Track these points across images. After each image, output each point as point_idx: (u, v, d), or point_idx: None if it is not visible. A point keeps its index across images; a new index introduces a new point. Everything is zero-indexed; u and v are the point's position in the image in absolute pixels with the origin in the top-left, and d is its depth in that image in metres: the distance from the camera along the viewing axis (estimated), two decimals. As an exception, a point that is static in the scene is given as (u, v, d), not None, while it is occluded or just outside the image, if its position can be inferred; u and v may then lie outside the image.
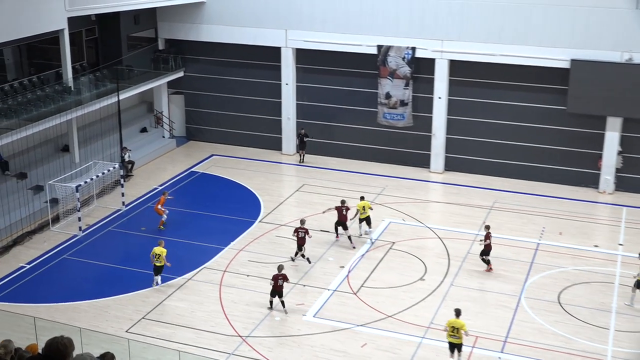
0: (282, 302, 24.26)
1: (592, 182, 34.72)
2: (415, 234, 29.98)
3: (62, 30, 32.49)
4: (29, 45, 33.77)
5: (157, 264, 25.63)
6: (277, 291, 24.18)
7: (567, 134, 34.57)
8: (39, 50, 34.86)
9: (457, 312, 21.02)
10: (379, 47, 36.04)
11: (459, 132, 36.34)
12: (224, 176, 36.41)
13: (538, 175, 35.59)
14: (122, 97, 35.46)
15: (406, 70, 35.92)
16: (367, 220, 29.14)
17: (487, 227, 27.14)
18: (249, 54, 38.99)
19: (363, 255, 28.08)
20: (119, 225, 30.86)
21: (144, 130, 39.97)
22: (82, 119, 34.04)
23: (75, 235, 29.80)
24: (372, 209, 29.29)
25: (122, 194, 32.29)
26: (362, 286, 25.80)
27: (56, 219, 30.81)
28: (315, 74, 38.19)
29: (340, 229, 28.78)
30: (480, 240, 27.00)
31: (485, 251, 26.74)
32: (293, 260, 27.26)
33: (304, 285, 25.75)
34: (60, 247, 28.87)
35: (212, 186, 35.25)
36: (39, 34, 31.47)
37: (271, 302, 24.36)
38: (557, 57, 33.31)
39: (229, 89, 40.00)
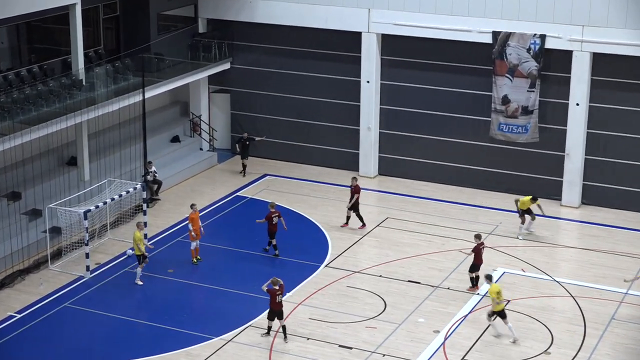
0: (284, 328, 25.31)
1: None
2: (538, 290, 29.70)
3: (74, 5, 33.39)
4: (29, 24, 34.81)
5: (137, 253, 29.24)
6: (275, 311, 25.61)
7: None
8: (41, 32, 35.89)
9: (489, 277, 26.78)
10: (495, 34, 36.02)
11: (600, 151, 35.88)
12: (281, 204, 36.66)
13: None
14: (148, 95, 36.20)
15: (532, 66, 35.76)
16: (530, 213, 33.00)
17: (478, 237, 29.20)
18: (319, 42, 39.44)
19: (466, 316, 27.94)
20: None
21: (175, 139, 40.78)
22: (95, 124, 34.82)
23: (81, 277, 30.41)
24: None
25: (145, 224, 32.89)
26: (463, 359, 25.63)
27: (57, 255, 31.50)
28: (406, 68, 38.35)
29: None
30: (466, 251, 28.80)
31: (475, 266, 29.16)
32: (266, 250, 31.69)
33: (383, 355, 25.72)
34: (62, 292, 29.44)
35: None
36: (43, 10, 32.37)
37: (269, 328, 25.86)
38: None
39: (290, 88, 40.50)
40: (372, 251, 32.65)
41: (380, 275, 30.49)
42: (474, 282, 29.51)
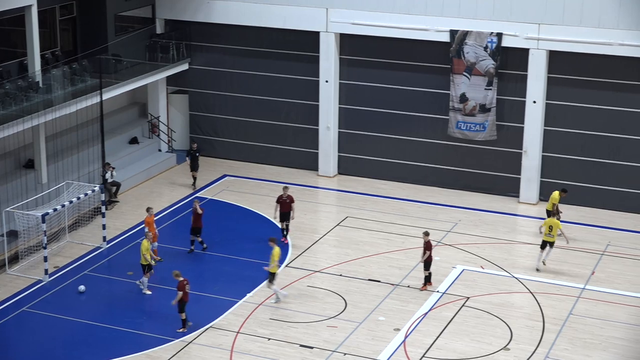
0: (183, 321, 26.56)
1: None
2: (497, 287, 29.95)
3: (29, 6, 33.20)
4: (-16, 26, 34.58)
5: (143, 262, 28.78)
6: (186, 302, 26.60)
7: None
8: (-3, 34, 35.67)
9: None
10: (453, 32, 36.25)
11: (558, 147, 36.27)
12: (240, 204, 36.73)
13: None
14: (106, 96, 36.08)
15: (489, 64, 36.03)
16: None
17: (426, 234, 29.37)
18: (277, 41, 39.50)
19: (426, 313, 28.10)
20: (99, 267, 31.22)
21: (134, 141, 40.65)
22: (53, 126, 34.61)
23: (40, 281, 30.22)
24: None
25: (104, 227, 32.75)
26: (424, 356, 25.77)
27: (14, 259, 31.30)
28: (364, 68, 38.50)
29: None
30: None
31: (428, 263, 29.28)
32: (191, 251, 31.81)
33: (344, 354, 25.80)
34: (20, 296, 29.25)
35: (224, 217, 35.59)
36: (-2, 11, 32.20)
37: (184, 321, 26.66)
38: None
39: (249, 88, 40.52)
40: (332, 250, 32.76)
41: (341, 275, 30.60)
42: (427, 279, 29.70)
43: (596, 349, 26.15)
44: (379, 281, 30.07)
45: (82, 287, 29.27)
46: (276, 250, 28.46)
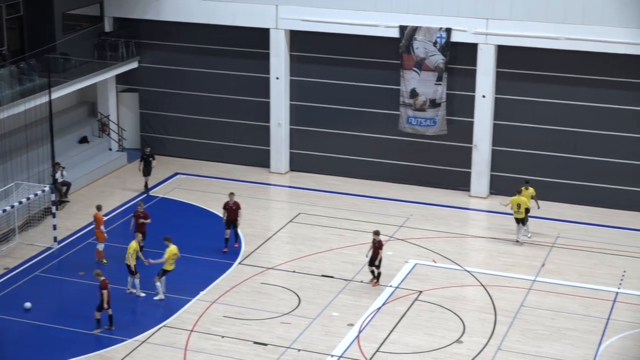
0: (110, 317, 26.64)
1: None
2: (449, 281, 30.16)
3: (-25, 6, 32.82)
4: None
5: (127, 263, 28.54)
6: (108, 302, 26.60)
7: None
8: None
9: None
10: (402, 28, 36.38)
11: (510, 142, 36.61)
12: (192, 202, 36.61)
13: (613, 200, 35.98)
14: (55, 95, 35.77)
15: (439, 59, 36.23)
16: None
17: (376, 233, 29.31)
18: (227, 38, 39.38)
19: (380, 308, 28.21)
20: (50, 268, 30.97)
21: (84, 140, 40.33)
22: (1, 126, 34.21)
23: (-11, 283, 29.98)
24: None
25: (54, 227, 32.47)
26: (377, 351, 25.88)
27: (-36, 261, 31.01)
28: (315, 64, 38.53)
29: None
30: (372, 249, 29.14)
31: (377, 261, 29.19)
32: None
33: (299, 350, 25.83)
34: (-30, 299, 29.04)
35: (176, 215, 35.45)
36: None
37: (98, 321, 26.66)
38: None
39: (199, 86, 40.38)
40: (285, 247, 32.79)
41: (294, 271, 30.63)
42: (376, 275, 29.72)
43: (547, 340, 26.42)
44: (332, 277, 30.13)
45: (27, 305, 28.21)
46: (172, 248, 28.44)
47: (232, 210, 31.92)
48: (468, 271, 30.75)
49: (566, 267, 31.07)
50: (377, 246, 29.23)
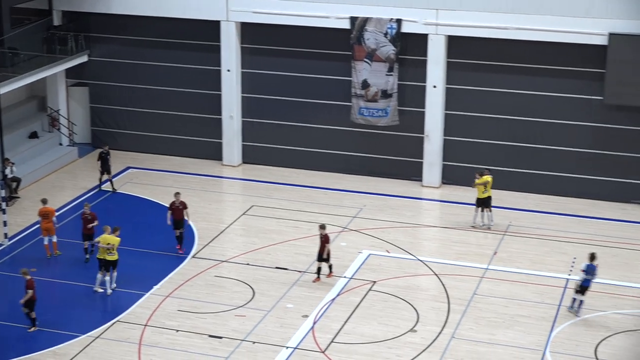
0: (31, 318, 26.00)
1: (638, 196, 35.57)
2: (403, 270, 30.29)
3: None
4: None
5: (110, 258, 27.99)
6: (35, 301, 26.10)
7: (604, 133, 35.29)
8: None
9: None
10: (353, 19, 36.41)
11: (461, 132, 36.83)
12: (144, 196, 36.42)
13: (564, 188, 36.35)
14: (3, 90, 35.35)
15: (389, 50, 36.31)
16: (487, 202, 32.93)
17: (322, 227, 29.06)
18: (177, 31, 39.17)
19: (334, 299, 28.26)
20: (0, 265, 30.65)
21: (33, 135, 39.92)
22: (-52, 122, 33.94)
23: (-61, 281, 29.62)
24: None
25: (4, 224, 32.10)
26: (332, 342, 25.93)
27: None
28: (266, 56, 38.45)
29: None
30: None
31: (326, 255, 28.97)
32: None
33: (253, 343, 25.82)
34: None
35: (128, 210, 35.26)
36: None
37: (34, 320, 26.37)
38: (591, 31, 33.97)
39: (150, 79, 40.14)
40: (239, 240, 32.73)
41: (248, 264, 30.59)
42: (326, 269, 29.57)
43: (500, 327, 26.65)
44: (286, 269, 30.13)
45: None
46: (104, 237, 28.23)
47: (179, 210, 31.34)
48: (421, 261, 30.91)
49: (518, 255, 31.35)
50: (323, 240, 29.13)
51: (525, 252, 31.54)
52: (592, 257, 27.32)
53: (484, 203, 33.21)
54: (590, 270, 27.20)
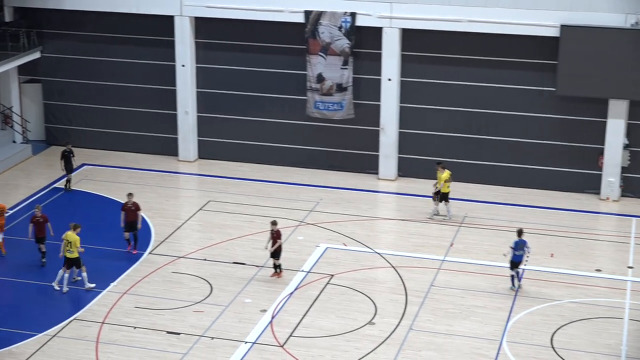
0: None
1: (591, 186, 35.88)
2: (360, 263, 30.41)
3: None
4: None
5: (69, 255, 27.71)
6: None
7: (557, 124, 35.63)
8: None
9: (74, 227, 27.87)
10: (307, 13, 36.40)
11: (414, 124, 36.98)
12: (100, 193, 36.21)
13: (519, 179, 36.67)
14: (-46, 88, 35.00)
15: (344, 43, 36.35)
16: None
17: (274, 224, 28.87)
18: (131, 27, 38.97)
19: (291, 293, 28.29)
20: (-46, 265, 30.44)
21: (-14, 133, 39.56)
22: None
23: None
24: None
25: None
26: (291, 336, 25.97)
27: None
28: (221, 51, 38.36)
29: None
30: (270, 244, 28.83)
31: (277, 253, 28.81)
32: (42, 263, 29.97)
33: (212, 338, 25.78)
34: None
35: (83, 207, 35.06)
36: None
37: None
38: (543, 23, 34.26)
39: (104, 75, 39.89)
40: (196, 235, 32.65)
41: (205, 259, 30.50)
42: (278, 268, 29.41)
43: (457, 318, 26.83)
44: (243, 264, 30.11)
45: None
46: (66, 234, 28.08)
47: (131, 211, 30.79)
48: (378, 253, 31.02)
49: (474, 246, 31.58)
50: (274, 236, 28.96)
51: (481, 243, 31.78)
52: (520, 232, 28.25)
53: (445, 196, 33.37)
54: (518, 246, 28.03)
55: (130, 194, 31.24)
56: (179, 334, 25.84)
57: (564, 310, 27.36)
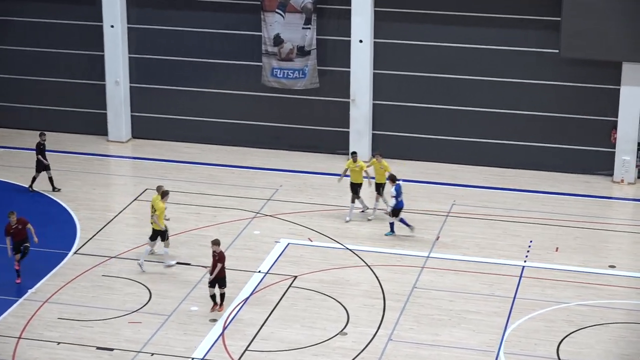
0: None
1: (603, 166, 36.08)
2: (329, 262, 30.36)
3: None
4: None
5: (154, 226, 29.47)
6: None
7: (561, 92, 35.75)
8: None
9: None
10: (260, -38, 36.40)
11: (389, 95, 36.96)
12: (12, 181, 35.99)
13: (515, 159, 36.91)
14: None
15: (305, -1, 36.39)
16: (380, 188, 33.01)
17: (216, 244, 27.20)
18: (47, -21, 38.72)
19: (247, 299, 28.21)
20: None
21: None
22: None
23: None
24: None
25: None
26: (246, 350, 25.89)
27: None
28: (158, 9, 38.27)
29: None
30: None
31: (222, 279, 27.27)
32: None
33: (152, 354, 25.65)
34: None
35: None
36: None
37: None
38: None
39: (17, 39, 39.75)
40: (130, 231, 32.56)
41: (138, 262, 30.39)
42: (216, 299, 27.81)
43: (445, 326, 26.86)
44: (189, 264, 30.00)
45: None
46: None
47: (18, 231, 29.29)
48: (350, 250, 31.00)
49: (464, 239, 31.66)
50: (217, 259, 27.21)
51: (472, 236, 31.87)
52: (392, 178, 31.07)
53: (380, 188, 33.09)
54: (399, 191, 30.31)
55: (12, 212, 29.48)
56: (111, 349, 25.71)
57: (572, 314, 27.46)
